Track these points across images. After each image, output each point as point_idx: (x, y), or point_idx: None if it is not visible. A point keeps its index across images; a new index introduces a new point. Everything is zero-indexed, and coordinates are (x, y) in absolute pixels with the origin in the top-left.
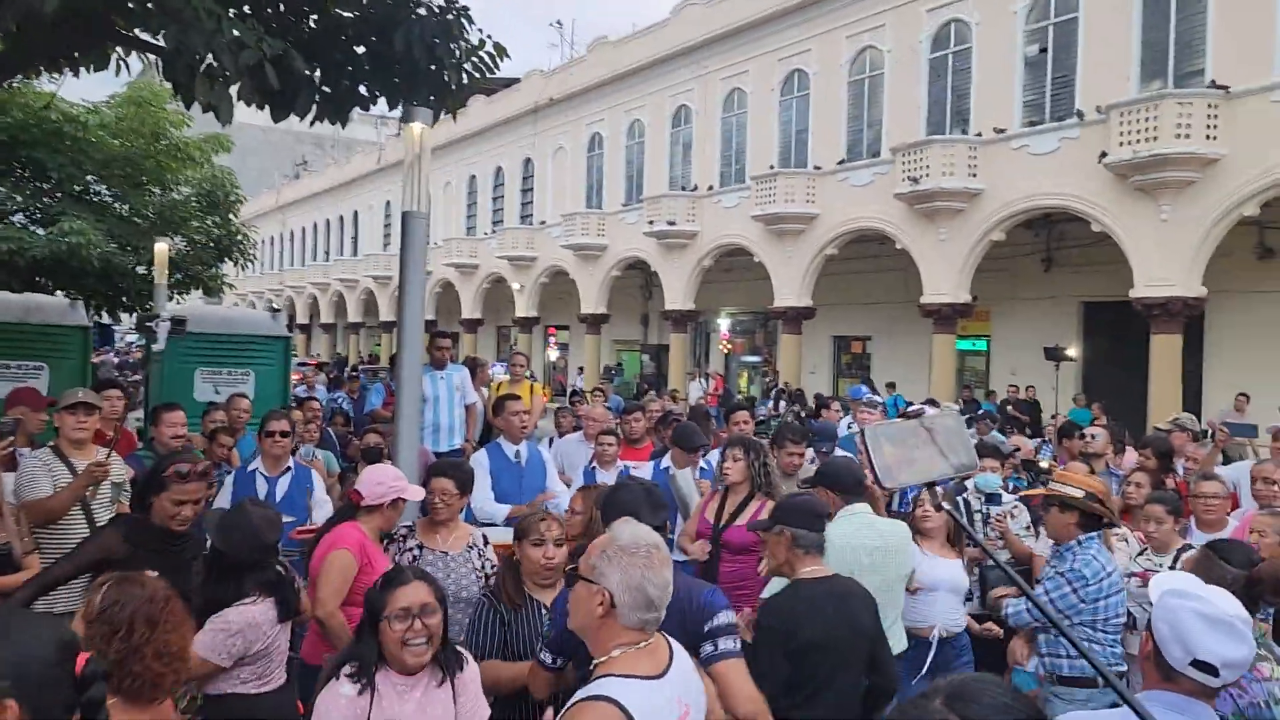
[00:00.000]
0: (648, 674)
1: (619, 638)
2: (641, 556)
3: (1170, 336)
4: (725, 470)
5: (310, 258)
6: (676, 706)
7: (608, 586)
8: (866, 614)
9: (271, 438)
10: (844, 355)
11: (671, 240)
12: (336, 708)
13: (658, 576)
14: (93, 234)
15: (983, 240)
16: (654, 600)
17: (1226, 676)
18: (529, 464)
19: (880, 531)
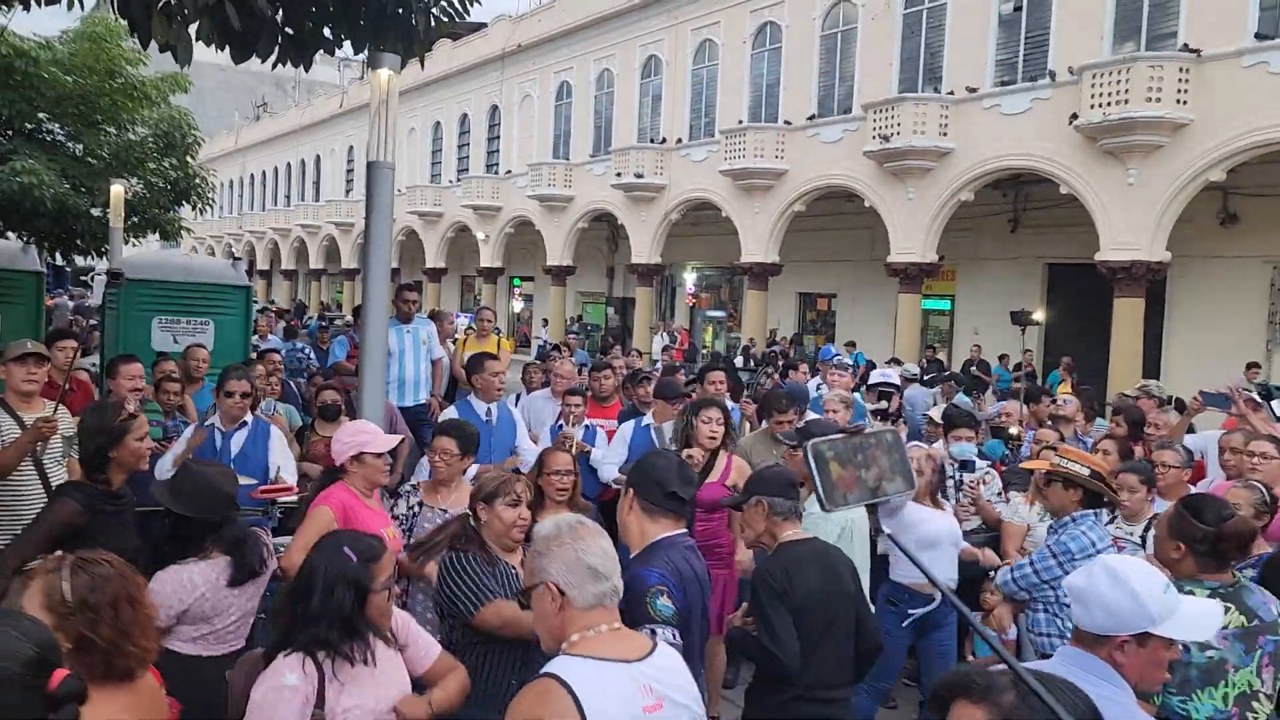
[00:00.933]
0: (609, 656)
1: (581, 623)
2: (567, 535)
3: (1133, 300)
4: (711, 433)
5: (271, 202)
6: (642, 694)
7: (551, 579)
8: (849, 575)
9: (231, 398)
10: (809, 312)
11: (639, 193)
12: (279, 699)
13: (592, 546)
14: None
15: (951, 200)
16: (598, 569)
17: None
18: (499, 422)
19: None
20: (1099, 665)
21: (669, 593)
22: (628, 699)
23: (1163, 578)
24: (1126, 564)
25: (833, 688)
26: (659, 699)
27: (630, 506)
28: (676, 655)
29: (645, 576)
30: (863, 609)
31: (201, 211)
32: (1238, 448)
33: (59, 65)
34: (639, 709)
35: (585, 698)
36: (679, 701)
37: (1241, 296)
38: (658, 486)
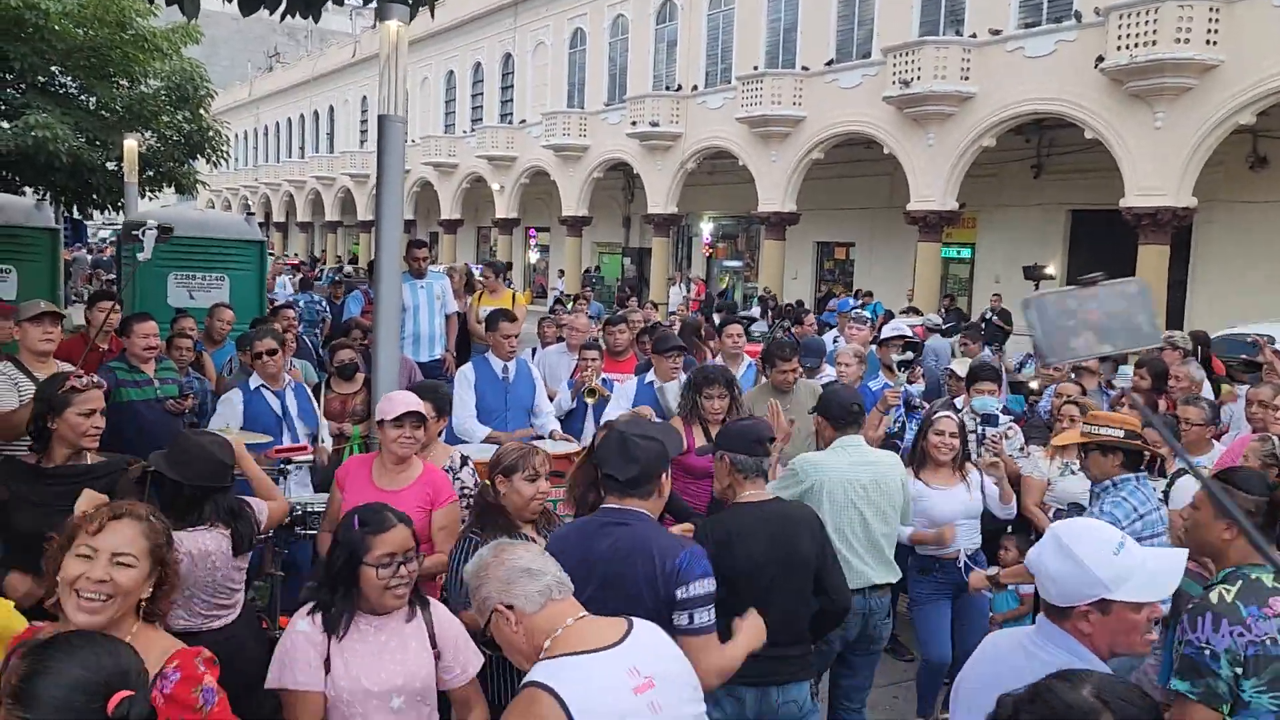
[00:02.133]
0: (586, 647)
1: (545, 626)
2: (488, 560)
3: (1158, 247)
4: (715, 410)
5: (285, 154)
6: (631, 677)
7: (496, 603)
8: (808, 537)
9: (259, 359)
10: (826, 261)
11: (654, 142)
12: (294, 644)
13: (513, 556)
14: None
15: (973, 146)
16: (531, 567)
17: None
18: (516, 380)
19: (873, 464)
20: (1063, 638)
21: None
22: (615, 687)
23: (1115, 539)
24: (1074, 530)
25: (782, 645)
26: (647, 678)
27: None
28: (656, 629)
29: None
30: (827, 573)
31: (216, 164)
32: (1265, 401)
33: (69, 17)
34: (629, 692)
35: (571, 699)
36: (670, 675)
37: (1270, 242)
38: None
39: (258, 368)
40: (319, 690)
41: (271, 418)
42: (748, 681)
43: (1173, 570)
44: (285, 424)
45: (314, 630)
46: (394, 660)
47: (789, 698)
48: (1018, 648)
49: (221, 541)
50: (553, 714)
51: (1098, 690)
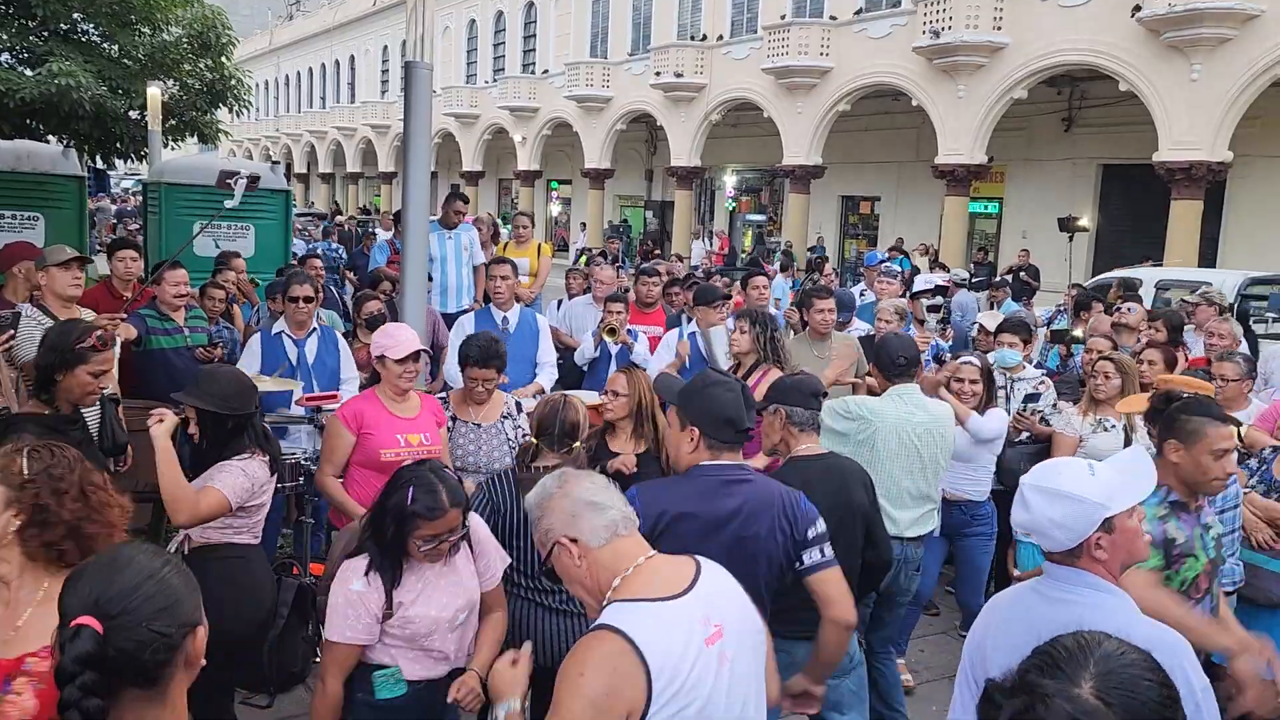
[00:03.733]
0: (660, 594)
1: (612, 564)
2: (554, 490)
3: (1191, 203)
4: (733, 341)
5: (306, 104)
6: (701, 627)
7: (559, 534)
8: (861, 490)
9: (295, 304)
10: (851, 216)
11: (678, 93)
12: (346, 600)
13: (579, 488)
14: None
15: (1003, 98)
16: (597, 501)
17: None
18: (518, 331)
19: (930, 412)
20: (1082, 576)
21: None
22: (688, 639)
23: (1083, 463)
24: (1047, 476)
25: None
26: (717, 626)
27: (690, 440)
28: (720, 570)
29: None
30: (875, 526)
31: (238, 114)
32: None
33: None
34: (700, 643)
35: (647, 648)
36: (737, 621)
37: None
38: (726, 423)
39: (291, 311)
40: (360, 644)
41: (286, 362)
42: (800, 635)
43: (1145, 469)
44: (300, 371)
45: (369, 590)
46: (452, 585)
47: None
48: (1035, 596)
49: (264, 467)
50: (627, 660)
51: (1098, 684)
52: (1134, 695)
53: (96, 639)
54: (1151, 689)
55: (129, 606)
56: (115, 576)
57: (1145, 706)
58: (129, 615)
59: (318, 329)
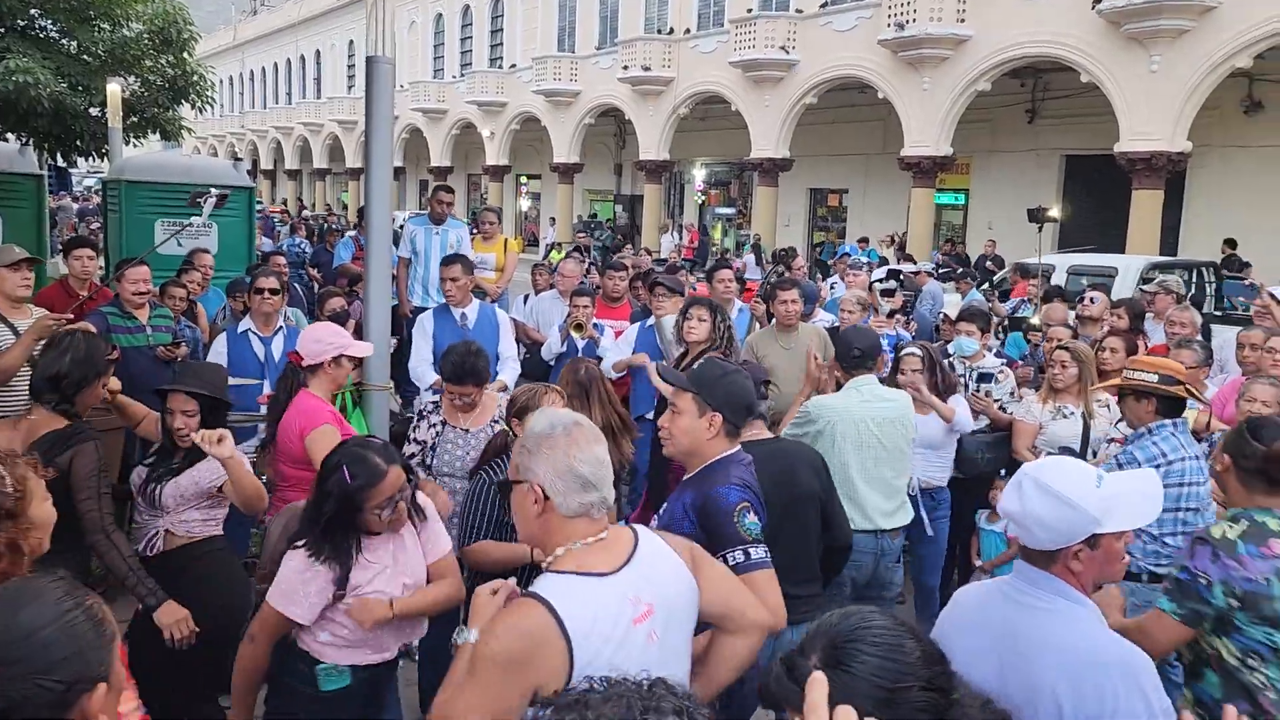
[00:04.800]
0: (594, 570)
1: (565, 531)
2: (561, 437)
3: (1152, 192)
4: (689, 329)
5: (272, 100)
6: (631, 606)
7: (536, 480)
8: (810, 473)
9: (260, 295)
10: (820, 209)
11: (646, 86)
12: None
13: (585, 453)
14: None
15: (968, 90)
16: (589, 479)
17: (1019, 532)
18: (476, 326)
19: (889, 401)
20: (1053, 582)
21: (753, 508)
22: (615, 616)
23: (1094, 472)
24: (1052, 471)
25: (793, 584)
26: (648, 605)
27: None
28: (658, 544)
29: (725, 494)
30: (831, 507)
31: (201, 110)
32: (1257, 344)
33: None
34: (628, 623)
35: (569, 618)
36: (670, 599)
37: (1264, 187)
38: (746, 409)
39: (255, 304)
40: (302, 622)
41: (254, 364)
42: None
43: (1153, 494)
44: (268, 369)
45: (318, 573)
46: (408, 562)
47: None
48: (1000, 598)
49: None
50: (549, 633)
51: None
52: (849, 669)
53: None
54: (868, 663)
55: (20, 655)
56: (12, 617)
57: (857, 679)
58: (17, 665)
59: (284, 328)
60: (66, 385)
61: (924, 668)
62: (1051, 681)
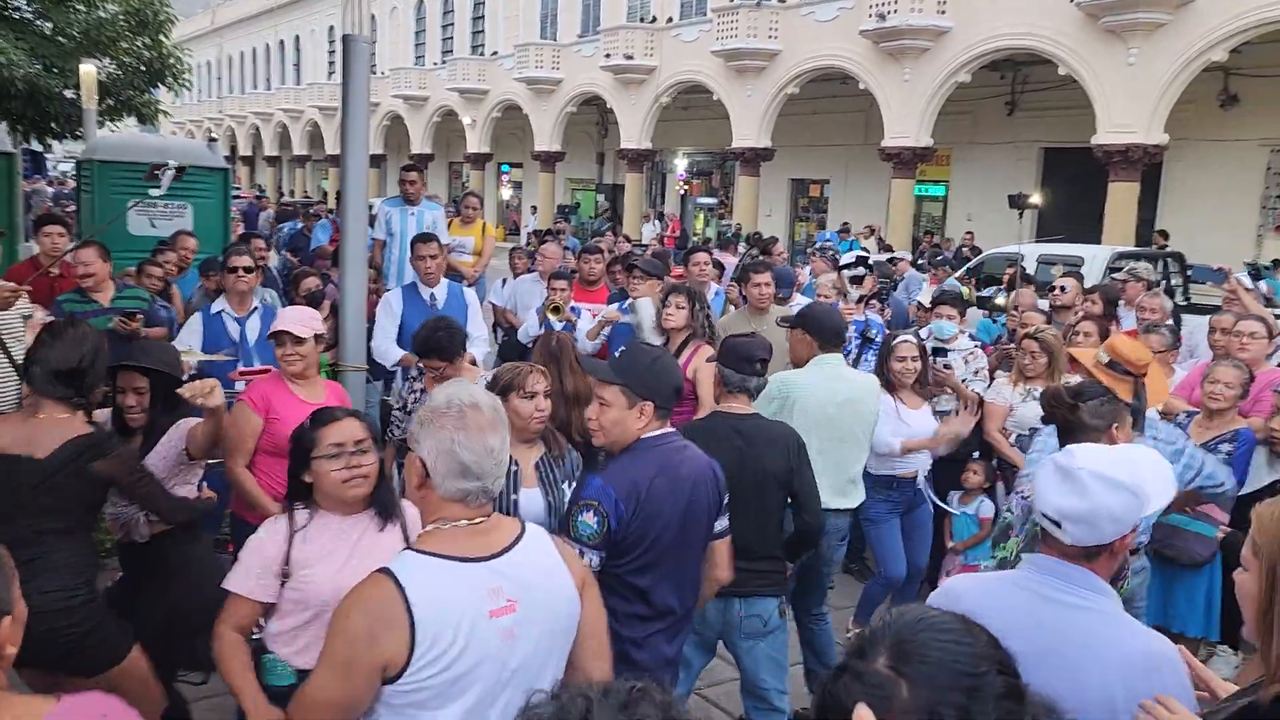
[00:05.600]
0: (454, 554)
1: (440, 511)
2: (453, 417)
3: (1128, 184)
4: (667, 316)
5: (251, 85)
6: (491, 597)
7: (420, 454)
8: (777, 455)
9: (235, 274)
10: (801, 199)
11: (629, 75)
12: (248, 548)
13: (472, 439)
14: (14, 53)
15: (948, 82)
16: (468, 466)
17: (1071, 530)
18: (445, 307)
19: (849, 383)
20: (1088, 577)
21: (603, 510)
22: (467, 604)
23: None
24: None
25: (746, 558)
26: (510, 601)
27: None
28: (546, 545)
29: (589, 483)
30: (800, 486)
31: (178, 93)
32: (1227, 328)
33: None
34: (482, 613)
35: (416, 599)
36: (540, 604)
37: (1238, 180)
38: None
39: (230, 283)
40: (257, 600)
41: (227, 342)
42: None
43: (1167, 471)
44: (242, 349)
45: (269, 537)
46: (368, 558)
47: (752, 611)
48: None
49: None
50: (394, 608)
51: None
52: (925, 660)
53: None
54: (945, 650)
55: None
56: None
57: (937, 667)
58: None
59: (259, 307)
60: (90, 379)
61: (994, 650)
62: (1106, 686)
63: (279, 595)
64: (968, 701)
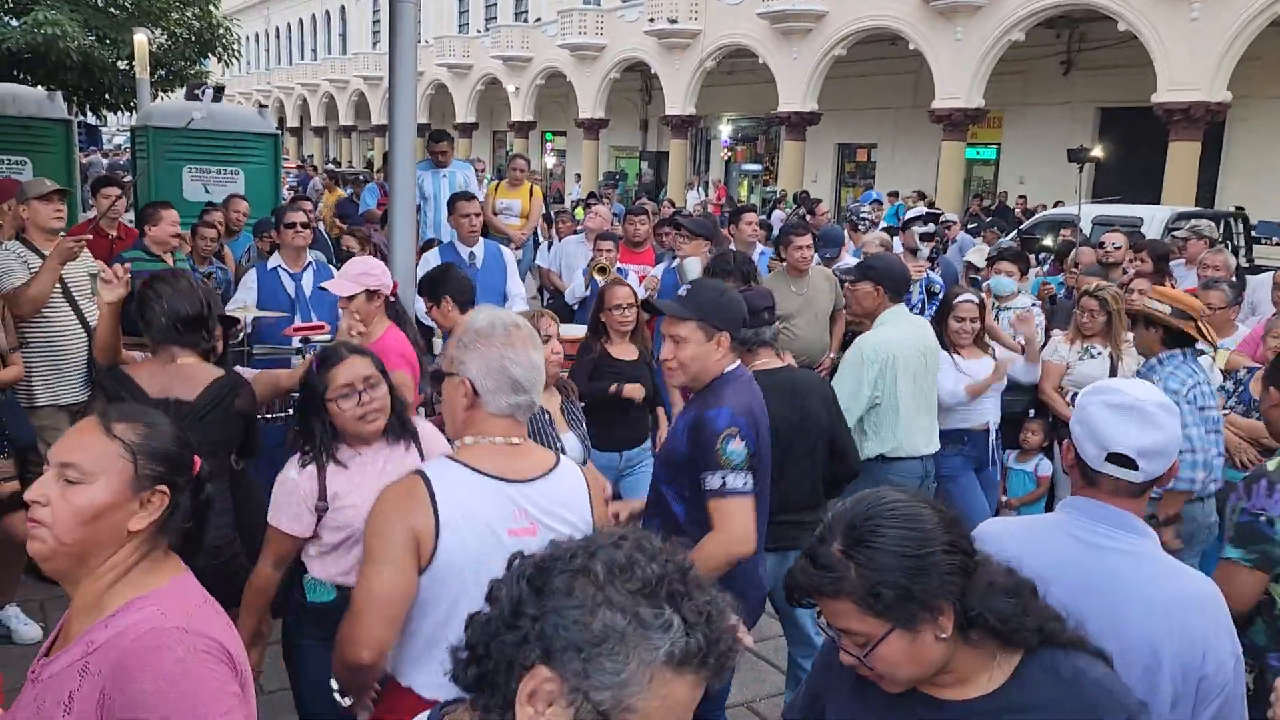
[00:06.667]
0: (491, 471)
1: (483, 428)
2: (499, 336)
3: (1189, 144)
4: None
5: (298, 56)
6: (514, 517)
7: (467, 375)
8: (820, 404)
9: (292, 229)
10: (848, 164)
11: (673, 40)
12: (284, 489)
13: (520, 355)
14: (69, 24)
15: (1001, 40)
16: (519, 381)
17: (1147, 468)
18: (484, 265)
19: (923, 329)
20: (1126, 518)
21: (742, 434)
22: (490, 517)
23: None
24: (1152, 391)
25: (797, 510)
26: (533, 524)
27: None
28: (577, 481)
29: (715, 417)
30: (841, 438)
31: (227, 64)
32: None
33: None
34: (502, 531)
35: (442, 501)
36: (562, 531)
37: None
38: (743, 321)
39: (286, 238)
40: (295, 535)
41: (284, 297)
42: (767, 547)
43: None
44: (299, 304)
45: (303, 476)
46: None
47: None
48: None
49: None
50: (419, 492)
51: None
52: (871, 545)
53: None
54: (891, 534)
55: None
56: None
57: (883, 552)
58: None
59: (313, 262)
60: (211, 324)
61: (944, 532)
62: (1148, 631)
63: (315, 528)
64: (909, 582)
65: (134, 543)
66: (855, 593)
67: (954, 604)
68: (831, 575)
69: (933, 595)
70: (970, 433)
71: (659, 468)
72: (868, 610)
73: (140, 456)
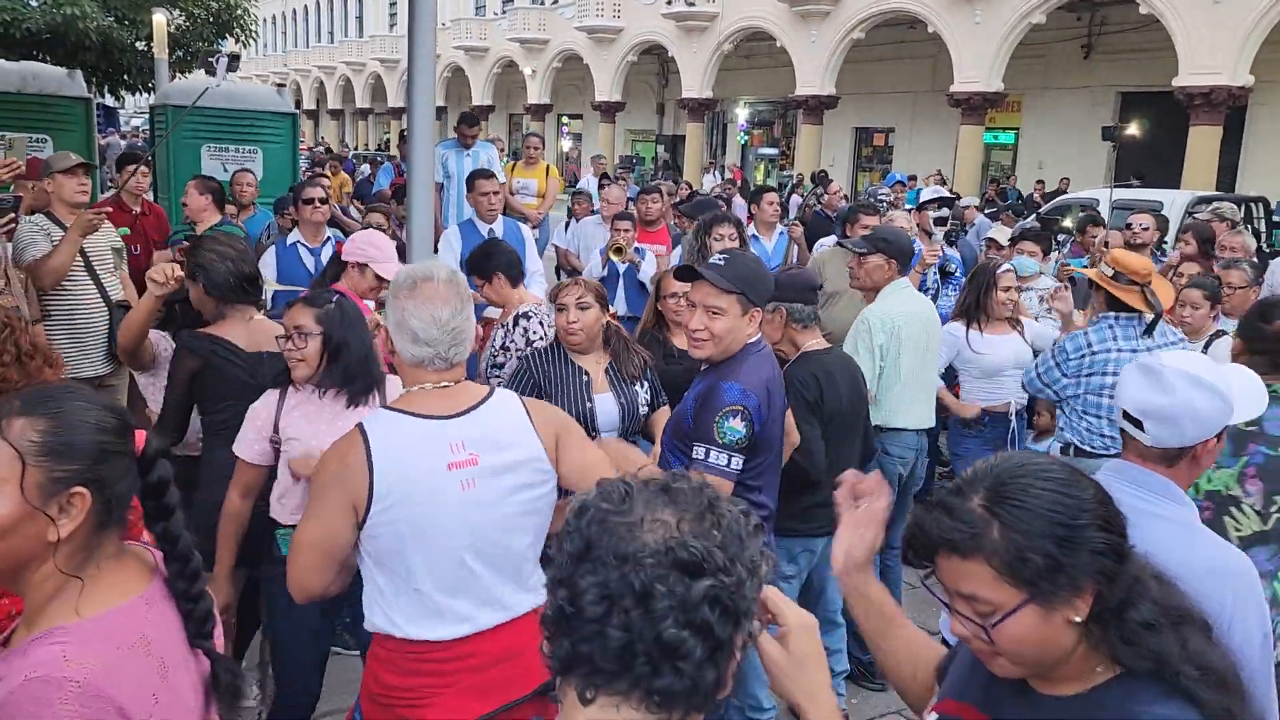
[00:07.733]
0: (420, 412)
1: (411, 377)
2: (405, 289)
3: (1210, 128)
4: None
5: (315, 39)
6: (453, 451)
7: (387, 324)
8: (859, 385)
9: (311, 205)
10: (865, 148)
11: (690, 22)
12: (248, 417)
13: (420, 308)
14: (88, 5)
15: (1021, 23)
16: (416, 333)
17: (1154, 431)
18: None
19: (924, 301)
20: (1165, 484)
21: (747, 414)
22: (426, 454)
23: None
24: (1193, 362)
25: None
26: (472, 454)
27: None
28: (514, 407)
29: (726, 390)
30: (868, 414)
31: (245, 45)
32: None
33: None
34: (441, 465)
35: (377, 448)
36: (500, 457)
37: None
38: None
39: (305, 214)
40: (256, 464)
41: (303, 271)
42: (819, 532)
43: (1256, 387)
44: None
45: (264, 405)
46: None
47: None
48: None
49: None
50: (356, 454)
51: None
52: (1021, 504)
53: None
54: (1043, 496)
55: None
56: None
57: (1033, 514)
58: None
59: (331, 238)
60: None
61: (1099, 505)
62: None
63: (274, 459)
64: (1058, 551)
65: (66, 551)
66: (995, 554)
67: (1098, 590)
68: (970, 531)
69: (1081, 572)
70: (990, 413)
71: (669, 435)
72: (1005, 576)
73: (43, 459)
